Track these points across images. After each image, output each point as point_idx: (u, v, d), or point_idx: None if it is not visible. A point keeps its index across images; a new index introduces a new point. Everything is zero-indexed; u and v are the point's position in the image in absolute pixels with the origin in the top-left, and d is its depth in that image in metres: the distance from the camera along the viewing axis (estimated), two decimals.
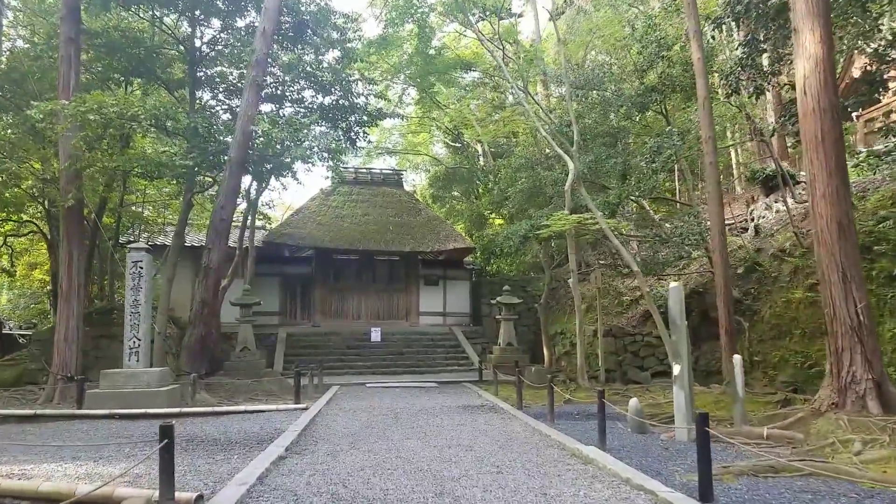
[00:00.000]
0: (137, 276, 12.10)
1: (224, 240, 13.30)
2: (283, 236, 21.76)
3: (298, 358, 19.20)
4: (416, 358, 19.93)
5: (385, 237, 22.17)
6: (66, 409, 11.10)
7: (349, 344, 20.58)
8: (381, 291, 23.24)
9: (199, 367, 13.21)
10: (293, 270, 22.71)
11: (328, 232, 22.06)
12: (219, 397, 13.33)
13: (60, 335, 12.84)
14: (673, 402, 11.20)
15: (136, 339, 11.94)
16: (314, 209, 23.08)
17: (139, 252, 12.16)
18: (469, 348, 20.66)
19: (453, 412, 10.72)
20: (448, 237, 22.48)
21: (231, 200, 13.39)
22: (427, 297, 23.26)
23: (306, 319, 22.46)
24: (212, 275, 13.15)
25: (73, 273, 12.97)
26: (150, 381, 11.65)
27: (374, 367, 19.01)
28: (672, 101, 15.73)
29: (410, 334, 21.58)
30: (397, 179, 25.11)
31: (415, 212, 23.70)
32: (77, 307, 13.00)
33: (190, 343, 13.14)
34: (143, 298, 12.01)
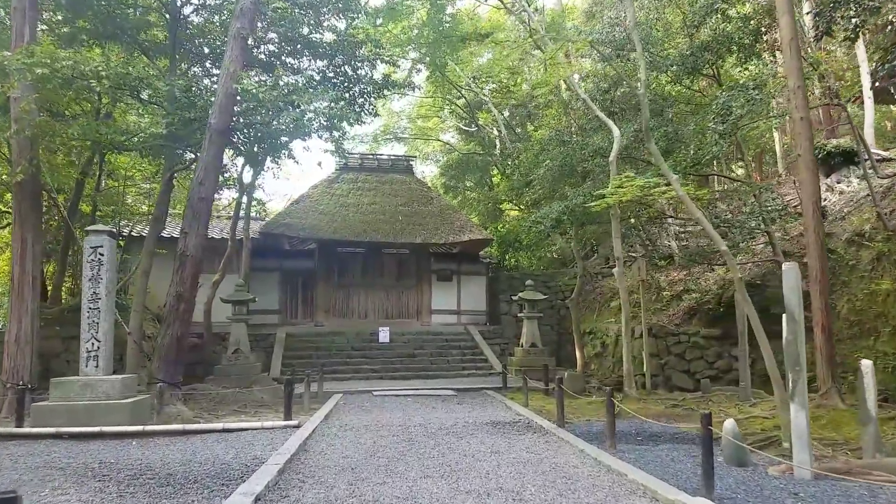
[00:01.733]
0: (97, 265, 10.05)
1: (204, 222, 11.24)
2: (281, 226, 19.72)
3: (298, 360, 17.22)
4: (428, 361, 17.82)
5: (394, 228, 20.08)
6: (2, 428, 9.07)
7: (355, 345, 18.51)
8: (389, 288, 21.15)
9: (174, 374, 11.15)
10: (294, 265, 20.68)
11: (332, 222, 20.00)
12: (198, 409, 11.27)
13: (11, 336, 10.83)
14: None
15: (95, 340, 9.90)
16: (316, 197, 21.02)
17: (99, 235, 10.12)
18: (487, 350, 18.54)
19: (482, 432, 8.59)
20: (463, 228, 20.36)
21: (212, 175, 11.31)
22: (440, 294, 21.15)
23: (308, 318, 20.41)
24: (189, 264, 11.09)
25: (26, 262, 10.96)
26: (111, 392, 9.60)
27: (382, 372, 16.93)
28: (726, 63, 13.57)
29: (422, 335, 19.48)
30: (407, 166, 23.00)
31: (426, 200, 21.59)
32: (32, 303, 10.99)
33: (163, 345, 11.09)
34: (103, 291, 9.97)
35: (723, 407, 10.17)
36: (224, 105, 11.10)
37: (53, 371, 14.31)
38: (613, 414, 7.30)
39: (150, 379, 11.27)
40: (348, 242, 20.17)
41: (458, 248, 21.40)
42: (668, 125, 12.68)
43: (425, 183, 23.62)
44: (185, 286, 11.13)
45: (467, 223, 20.80)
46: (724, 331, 14.47)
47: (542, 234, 12.26)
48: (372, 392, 13.77)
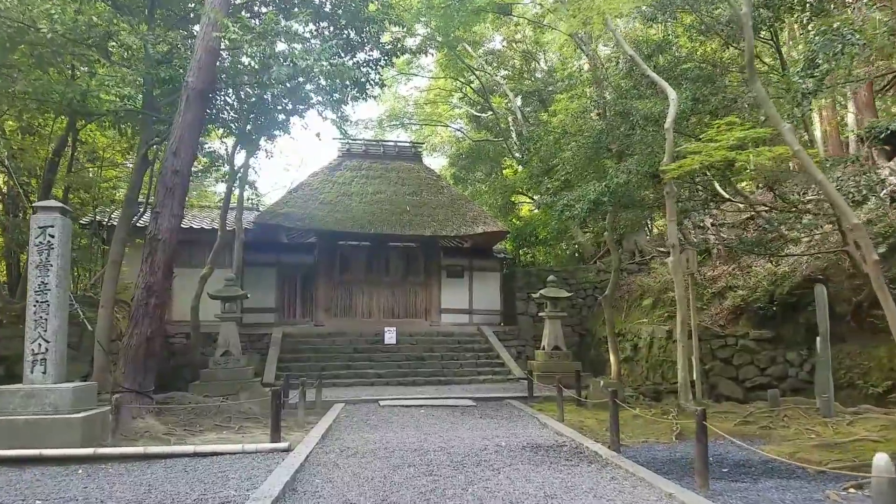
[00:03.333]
0: (46, 249, 8.27)
1: (179, 200, 9.44)
2: (278, 216, 17.94)
3: (295, 364, 15.47)
4: (440, 365, 16.03)
5: (401, 219, 18.29)
6: None
7: (358, 347, 16.73)
8: (395, 285, 19.35)
9: (143, 381, 9.38)
10: (292, 259, 18.90)
11: (333, 212, 18.21)
12: (173, 424, 9.46)
13: None
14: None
15: (43, 340, 8.11)
16: (316, 186, 19.24)
17: (49, 213, 8.34)
18: (504, 353, 16.74)
19: (522, 461, 6.77)
20: (476, 219, 18.57)
21: (188, 144, 9.50)
22: (450, 292, 19.36)
23: (307, 317, 18.63)
24: (161, 249, 9.29)
25: None
26: (60, 404, 7.81)
27: (388, 377, 15.14)
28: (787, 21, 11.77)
29: (432, 336, 17.69)
30: (415, 153, 21.18)
31: (436, 190, 19.78)
32: None
33: (130, 347, 9.29)
34: (53, 280, 8.19)
35: (807, 425, 8.35)
36: (204, 61, 9.31)
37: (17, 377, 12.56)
38: (705, 438, 5.47)
39: (114, 387, 9.48)
40: (351, 235, 18.39)
41: (471, 241, 19.62)
42: (723, 92, 10.88)
43: (435, 171, 21.82)
44: (157, 276, 9.34)
45: (480, 214, 19.00)
46: (777, 333, 12.70)
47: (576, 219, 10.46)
48: (378, 401, 11.97)
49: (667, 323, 14.28)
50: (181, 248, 17.91)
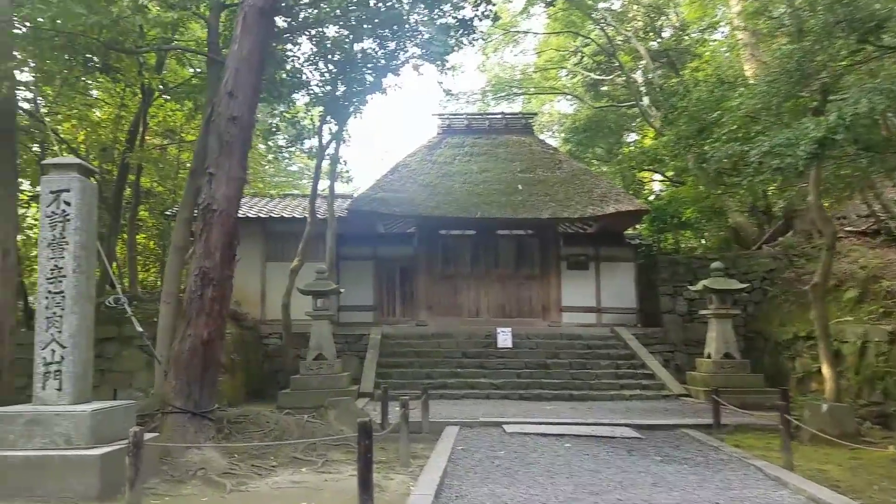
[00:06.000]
0: (60, 221, 6.09)
1: (238, 157, 7.08)
2: (373, 202, 15.58)
3: (397, 370, 13.13)
4: (569, 374, 12.99)
5: (512, 200, 15.44)
6: None
7: (467, 351, 14.03)
8: (507, 279, 16.48)
9: (201, 398, 7.07)
10: (390, 251, 16.53)
11: (434, 195, 15.65)
12: (238, 455, 7.08)
13: None
14: None
15: (58, 345, 5.92)
16: (414, 167, 16.77)
17: (64, 173, 6.17)
18: (653, 361, 13.45)
19: None
20: (605, 197, 15.37)
21: (248, 82, 7.12)
22: (573, 287, 16.24)
23: (408, 316, 16.18)
24: (218, 224, 6.96)
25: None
26: (74, 434, 5.57)
27: (506, 389, 12.33)
28: None
29: (553, 338, 14.67)
30: (525, 124, 18.23)
31: (553, 164, 16.76)
32: (1, 289, 7.24)
33: (181, 353, 7.02)
34: (70, 263, 6.00)
35: None
36: None
37: None
38: None
39: (163, 406, 7.23)
40: (454, 221, 15.75)
41: (597, 225, 16.47)
42: None
43: (550, 144, 18.79)
44: (213, 259, 7.00)
45: (610, 191, 15.76)
46: None
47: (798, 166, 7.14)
48: (501, 425, 9.15)
49: (886, 321, 10.56)
50: (271, 241, 16.34)
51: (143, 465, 5.27)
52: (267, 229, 15.81)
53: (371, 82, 12.04)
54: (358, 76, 11.91)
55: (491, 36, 20.62)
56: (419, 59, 11.55)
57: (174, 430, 6.93)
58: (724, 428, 8.82)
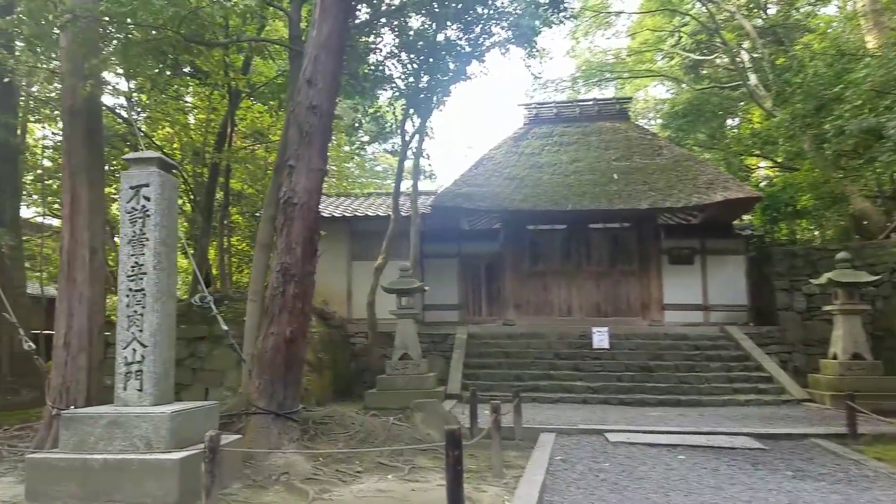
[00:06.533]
0: (140, 217, 5.92)
1: (318, 148, 6.72)
2: (457, 198, 15.09)
3: (484, 371, 12.60)
4: (675, 378, 11.95)
5: (606, 191, 14.49)
6: None
7: (559, 351, 13.24)
8: (601, 275, 15.52)
9: (285, 398, 6.78)
10: (475, 248, 16.00)
11: (521, 188, 14.97)
12: (322, 459, 6.72)
13: (59, 338, 7.17)
14: None
15: (139, 344, 5.74)
16: (500, 159, 16.16)
17: (144, 168, 5.99)
18: (770, 363, 12.17)
19: None
20: (712, 184, 14.12)
21: (328, 69, 6.72)
22: (675, 282, 15.06)
23: (495, 315, 15.58)
24: (299, 218, 6.64)
25: (77, 227, 7.28)
26: (153, 437, 5.35)
27: (605, 393, 11.48)
28: None
29: (655, 338, 13.61)
30: (620, 110, 17.16)
31: (652, 151, 15.64)
32: (89, 287, 7.28)
33: (264, 352, 6.75)
34: (150, 260, 5.81)
35: None
36: None
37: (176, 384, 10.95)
38: None
39: (246, 407, 6.98)
40: (543, 215, 14.99)
41: (703, 215, 15.22)
42: None
43: (648, 130, 17.61)
44: (294, 255, 6.68)
45: (717, 178, 14.47)
46: None
47: None
48: (604, 434, 8.36)
49: None
50: (356, 240, 16.25)
51: (220, 471, 4.96)
52: (352, 228, 15.70)
53: (455, 71, 11.54)
54: (441, 65, 11.44)
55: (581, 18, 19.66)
56: (506, 42, 10.91)
57: (258, 431, 6.67)
58: (860, 438, 7.63)
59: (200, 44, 7.87)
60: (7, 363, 9.91)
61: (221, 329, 8.13)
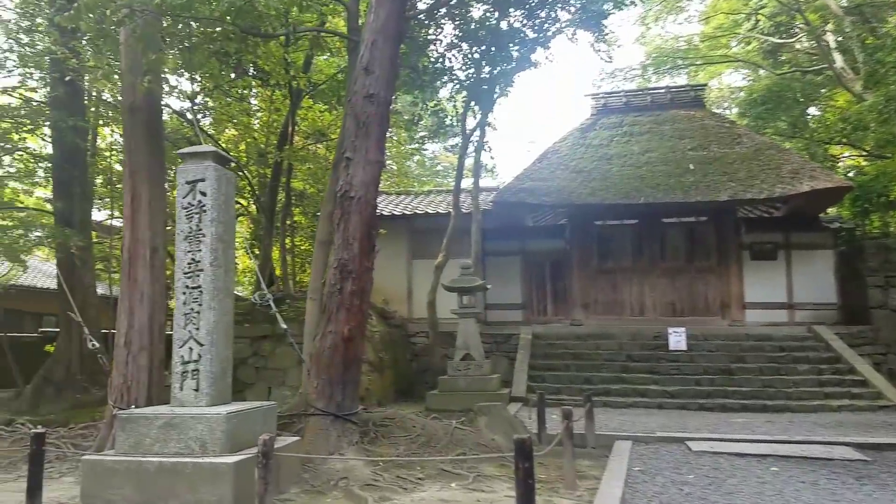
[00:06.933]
0: (196, 213, 5.76)
1: (376, 139, 6.42)
2: (520, 193, 14.57)
3: (551, 373, 12.14)
4: (759, 381, 11.10)
5: (681, 183, 13.66)
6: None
7: (632, 353, 12.55)
8: (676, 272, 14.66)
9: (343, 399, 6.52)
10: (539, 245, 15.45)
11: (588, 182, 14.31)
12: (382, 464, 6.41)
13: (120, 337, 7.15)
14: None
15: (195, 343, 5.58)
16: (566, 152, 15.54)
17: (199, 162, 5.84)
18: (863, 365, 11.15)
19: None
20: (797, 174, 13.07)
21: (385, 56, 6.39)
22: (757, 279, 14.07)
23: (561, 315, 14.98)
24: (356, 212, 6.35)
25: (138, 226, 7.25)
26: (208, 439, 5.15)
27: (683, 397, 10.78)
28: None
29: (736, 339, 12.73)
30: (694, 97, 16.21)
31: (731, 139, 14.67)
32: (150, 286, 7.22)
33: (322, 351, 6.50)
34: (206, 256, 5.64)
35: None
36: None
37: (240, 383, 11.01)
38: None
39: (305, 407, 6.76)
40: (612, 209, 14.29)
41: (787, 207, 14.19)
42: None
43: (725, 117, 16.60)
44: (352, 251, 6.40)
45: (803, 166, 13.39)
46: None
47: None
48: (685, 442, 7.72)
49: None
50: (416, 238, 15.95)
51: (274, 477, 4.72)
52: (412, 226, 15.49)
53: (518, 59, 11.08)
54: (504, 54, 11.01)
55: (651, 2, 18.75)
56: (573, 26, 10.37)
57: (316, 433, 6.43)
58: None
59: (258, 35, 7.74)
60: (77, 362, 10.13)
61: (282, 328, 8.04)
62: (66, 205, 10.42)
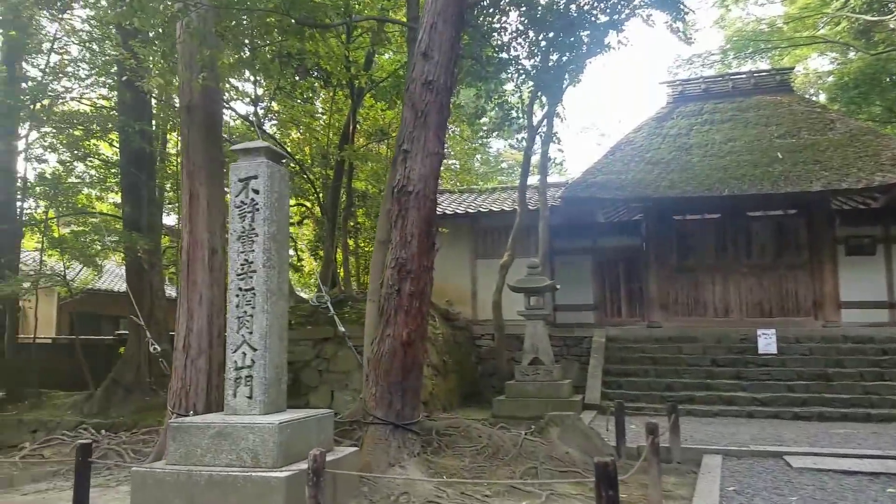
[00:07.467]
0: (249, 211, 5.50)
1: (435, 128, 5.99)
2: (591, 187, 13.82)
3: (627, 379, 11.41)
4: (860, 387, 10.01)
5: (769, 173, 12.58)
6: None
7: (717, 357, 11.62)
8: (763, 270, 13.51)
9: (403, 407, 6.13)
10: (611, 243, 14.64)
11: (666, 174, 13.42)
12: (446, 477, 5.97)
13: (178, 341, 7.02)
14: None
15: (249, 347, 5.31)
16: (640, 143, 14.68)
17: (252, 159, 5.58)
18: None
19: None
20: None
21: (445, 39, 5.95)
22: (854, 277, 12.80)
23: (637, 316, 14.15)
24: (414, 208, 5.95)
25: (197, 227, 7.10)
26: (261, 450, 4.85)
27: (774, 405, 9.85)
28: None
29: (832, 341, 11.58)
30: (781, 81, 14.98)
31: (822, 125, 13.45)
32: (209, 289, 7.06)
33: (380, 356, 6.12)
34: (259, 257, 5.37)
35: None
36: None
37: (303, 386, 10.86)
38: None
39: (364, 415, 6.40)
40: (692, 203, 13.34)
41: (886, 197, 12.82)
42: None
43: (815, 102, 15.31)
44: (410, 249, 6.00)
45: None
46: None
47: None
48: (783, 457, 6.91)
49: None
50: (480, 237, 15.40)
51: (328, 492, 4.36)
52: (476, 225, 15.02)
53: (589, 44, 10.43)
54: (573, 40, 10.38)
55: None
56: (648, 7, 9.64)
57: (375, 443, 6.06)
58: None
59: (314, 26, 7.46)
60: (146, 364, 10.21)
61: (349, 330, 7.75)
62: (133, 209, 10.57)
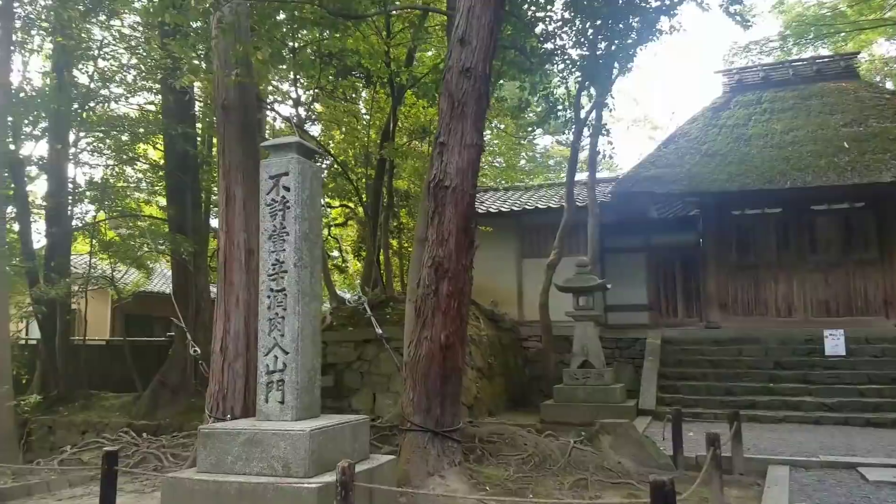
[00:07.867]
0: (280, 210, 5.31)
1: (473, 119, 5.67)
2: (644, 181, 13.25)
3: (685, 383, 10.88)
4: None
5: (835, 163, 11.77)
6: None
7: (780, 360, 10.91)
8: (830, 267, 12.65)
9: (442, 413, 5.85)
10: (666, 240, 14.04)
11: (723, 166, 12.73)
12: (488, 487, 5.65)
13: (216, 343, 6.93)
14: None
15: (280, 351, 5.12)
16: (696, 134, 14.00)
17: (283, 155, 5.38)
18: None
19: None
20: None
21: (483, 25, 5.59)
22: None
23: (694, 316, 13.51)
24: (451, 203, 5.65)
25: (234, 228, 7.00)
26: (292, 458, 4.63)
27: (844, 411, 9.19)
28: None
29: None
30: (845, 67, 14.04)
31: (892, 113, 12.48)
32: (245, 291, 6.93)
33: (417, 360, 5.84)
34: (291, 256, 5.17)
35: None
36: None
37: (345, 388, 10.71)
38: None
39: (402, 421, 6.13)
40: (752, 196, 12.60)
41: None
42: None
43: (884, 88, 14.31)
44: (447, 247, 5.70)
45: None
46: None
47: None
48: (857, 468, 6.31)
49: None
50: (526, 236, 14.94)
51: None
52: (521, 223, 14.63)
53: (639, 31, 9.93)
54: (623, 28, 9.91)
55: None
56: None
57: (413, 451, 5.78)
58: None
59: (348, 17, 7.26)
60: (192, 366, 10.24)
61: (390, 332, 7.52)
62: (178, 211, 10.64)
